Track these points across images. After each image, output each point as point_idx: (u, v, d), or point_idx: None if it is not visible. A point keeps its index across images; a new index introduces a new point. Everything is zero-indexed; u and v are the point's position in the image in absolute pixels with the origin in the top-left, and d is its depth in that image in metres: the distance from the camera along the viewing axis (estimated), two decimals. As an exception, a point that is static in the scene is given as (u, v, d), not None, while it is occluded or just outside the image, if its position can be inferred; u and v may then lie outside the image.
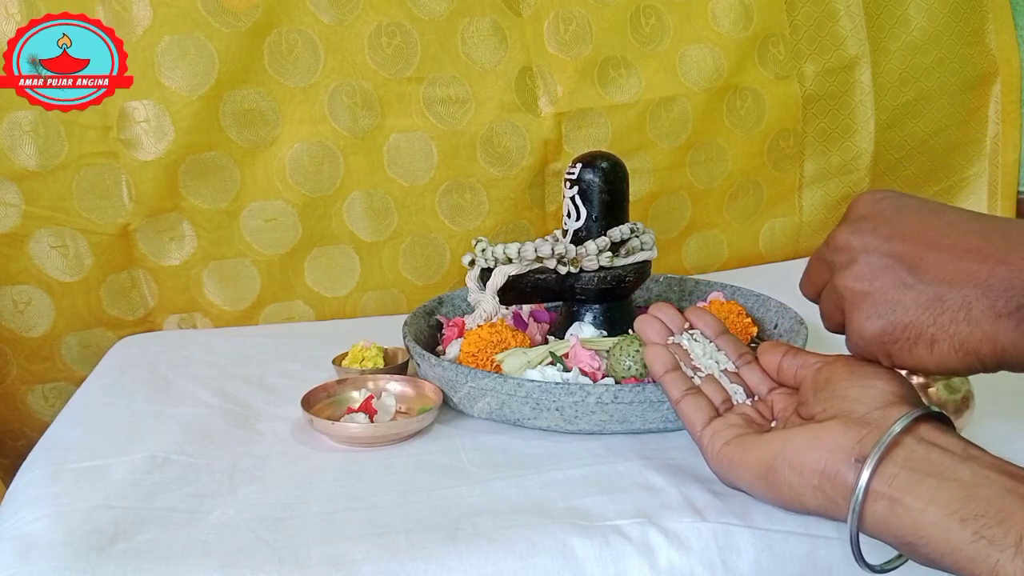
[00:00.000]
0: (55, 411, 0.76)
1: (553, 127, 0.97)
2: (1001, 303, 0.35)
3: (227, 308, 0.92)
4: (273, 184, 0.89)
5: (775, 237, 1.14)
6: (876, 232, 0.39)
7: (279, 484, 0.52)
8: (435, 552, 0.44)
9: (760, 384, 0.49)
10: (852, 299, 0.40)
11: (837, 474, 0.37)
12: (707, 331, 0.52)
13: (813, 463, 0.38)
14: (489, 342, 0.63)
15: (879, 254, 0.39)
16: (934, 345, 0.37)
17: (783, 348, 0.48)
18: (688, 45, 1.01)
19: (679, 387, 0.49)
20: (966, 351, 0.36)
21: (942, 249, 0.37)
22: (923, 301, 0.37)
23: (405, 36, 0.91)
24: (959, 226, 0.37)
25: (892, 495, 0.35)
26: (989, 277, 0.35)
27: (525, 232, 1.00)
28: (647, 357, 0.51)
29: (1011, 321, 0.35)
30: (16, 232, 0.84)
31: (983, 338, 0.35)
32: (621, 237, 0.68)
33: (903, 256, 0.38)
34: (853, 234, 0.40)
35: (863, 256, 0.39)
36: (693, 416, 0.47)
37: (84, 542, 0.44)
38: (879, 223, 0.40)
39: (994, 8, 1.15)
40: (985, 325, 0.35)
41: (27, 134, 0.81)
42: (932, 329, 0.37)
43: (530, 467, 0.53)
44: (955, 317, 0.36)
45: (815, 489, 0.38)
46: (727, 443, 0.44)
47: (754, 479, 0.42)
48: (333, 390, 0.63)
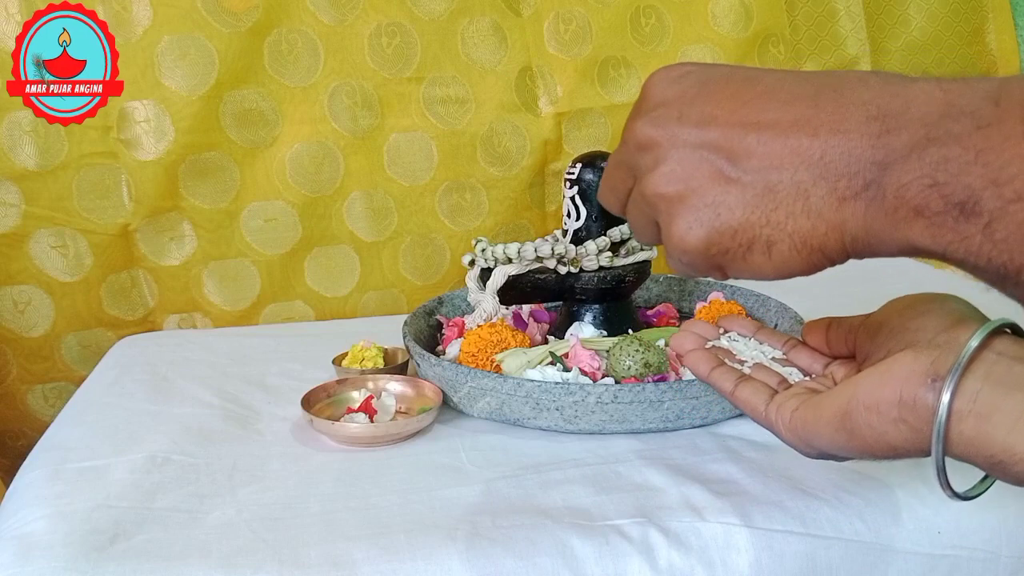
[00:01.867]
0: (55, 411, 0.76)
1: (553, 127, 0.97)
2: (843, 184, 0.29)
3: (227, 308, 0.92)
4: (273, 184, 0.89)
5: (775, 237, 1.14)
6: (683, 119, 0.32)
7: (279, 484, 0.52)
8: (435, 552, 0.43)
9: (813, 363, 0.44)
10: (666, 207, 0.33)
11: (916, 399, 0.33)
12: (743, 331, 0.49)
13: (889, 396, 0.34)
14: (489, 342, 0.63)
15: (691, 146, 0.32)
16: (772, 248, 0.31)
17: (824, 321, 0.44)
18: (688, 45, 1.01)
19: (730, 379, 0.43)
20: (810, 249, 0.30)
21: (764, 127, 0.30)
22: (750, 197, 0.31)
23: (405, 36, 0.91)
24: (779, 93, 0.31)
25: (978, 411, 0.31)
26: (824, 153, 0.29)
27: (525, 232, 1.00)
28: (688, 364, 0.45)
29: (859, 204, 0.29)
30: (16, 232, 0.84)
31: (828, 230, 0.30)
32: (621, 237, 0.68)
33: (720, 144, 0.31)
34: (655, 126, 0.33)
35: (672, 151, 0.32)
36: (753, 399, 0.41)
37: (84, 542, 0.44)
38: (684, 107, 0.33)
39: (994, 8, 1.15)
40: (828, 214, 0.29)
41: (27, 134, 0.82)
42: (767, 230, 0.31)
43: (530, 467, 0.53)
44: (791, 210, 0.30)
45: (897, 422, 0.34)
46: (795, 409, 0.38)
47: (833, 433, 0.36)
48: (333, 390, 0.63)
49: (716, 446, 0.55)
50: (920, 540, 0.46)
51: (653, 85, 0.35)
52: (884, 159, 0.28)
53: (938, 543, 0.46)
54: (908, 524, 0.46)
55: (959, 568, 0.46)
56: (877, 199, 0.28)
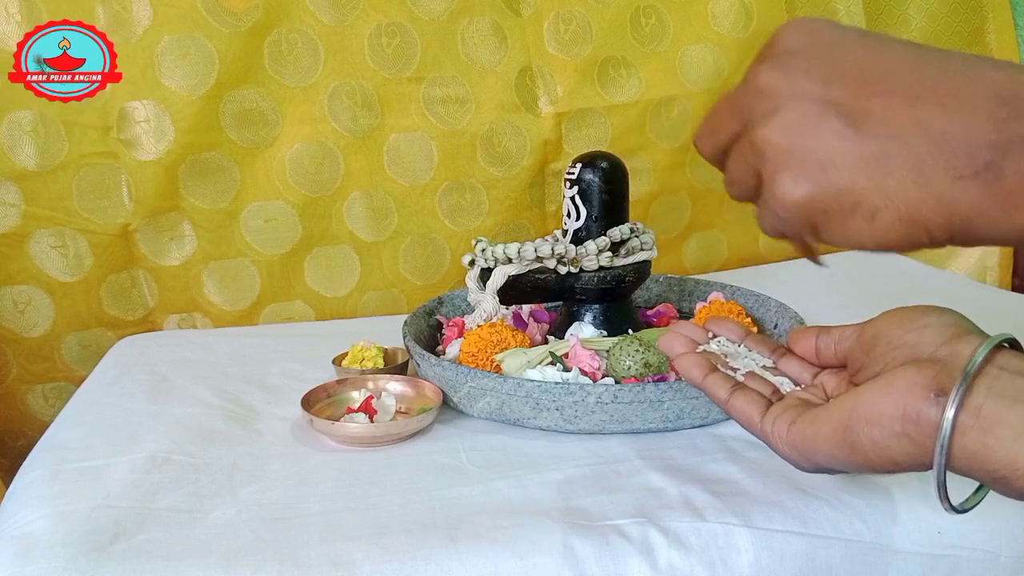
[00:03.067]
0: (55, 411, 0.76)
1: (553, 127, 0.97)
2: (962, 162, 0.28)
3: (227, 308, 0.92)
4: (273, 184, 0.89)
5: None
6: (810, 72, 0.31)
7: (279, 484, 0.52)
8: (435, 552, 0.44)
9: (803, 372, 0.45)
10: (775, 156, 0.32)
11: (919, 414, 0.33)
12: (731, 336, 0.49)
13: (891, 409, 0.34)
14: (489, 342, 0.63)
15: (813, 100, 0.31)
16: (876, 216, 0.30)
17: (813, 330, 0.44)
18: (688, 45, 1.01)
19: (724, 386, 0.43)
20: (914, 222, 0.29)
21: (890, 93, 0.30)
22: (864, 160, 0.30)
23: (405, 36, 0.91)
24: (909, 62, 0.30)
25: (981, 425, 0.31)
26: (947, 128, 0.28)
27: (525, 232, 1.00)
28: (680, 368, 0.46)
29: (975, 184, 0.28)
30: (16, 232, 0.84)
31: (937, 206, 0.29)
32: (621, 237, 0.68)
33: (843, 103, 0.30)
34: (781, 73, 0.32)
35: (792, 103, 0.31)
36: (748, 410, 0.41)
37: (84, 542, 0.44)
38: (813, 61, 0.32)
39: (994, 8, 1.15)
40: (941, 190, 0.28)
41: (27, 134, 0.82)
42: (874, 196, 0.30)
43: (530, 467, 0.53)
44: (903, 179, 0.29)
45: (899, 437, 0.34)
46: (793, 422, 0.38)
47: (833, 447, 0.36)
48: (333, 390, 0.63)
49: (716, 446, 0.55)
50: (920, 540, 0.46)
51: (785, 32, 0.33)
52: (1007, 143, 0.27)
53: (938, 543, 0.46)
54: (908, 524, 0.46)
55: (959, 568, 0.46)
56: (995, 182, 0.28)
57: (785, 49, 0.33)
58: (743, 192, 0.35)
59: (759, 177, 0.33)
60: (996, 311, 0.83)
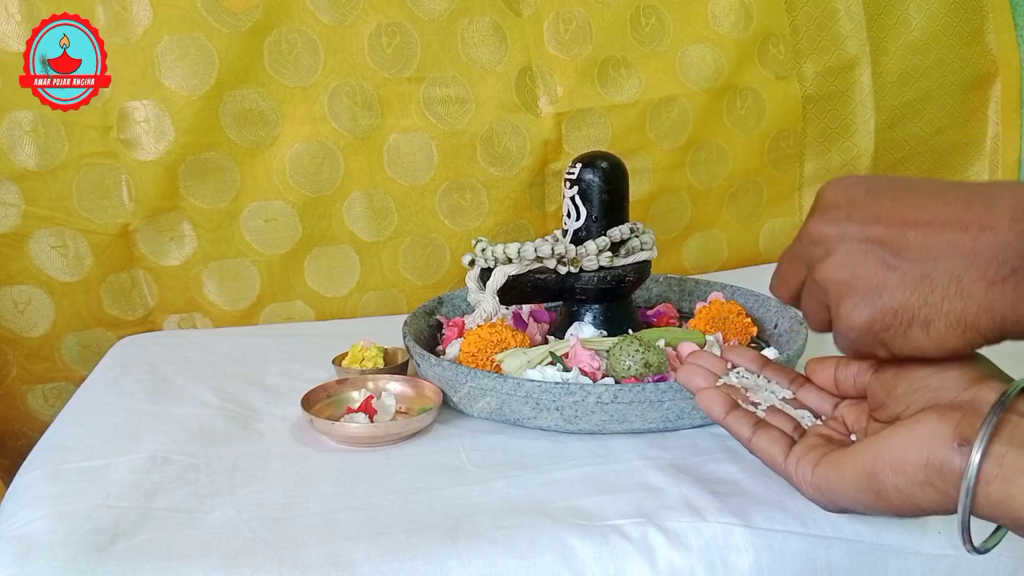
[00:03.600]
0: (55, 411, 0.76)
1: (553, 127, 0.97)
2: (992, 270, 0.33)
3: (227, 308, 0.92)
4: (273, 184, 0.89)
5: (775, 237, 1.14)
6: (851, 218, 0.37)
7: (279, 484, 0.52)
8: (435, 552, 0.43)
9: (822, 403, 0.46)
10: (836, 291, 0.38)
11: (943, 463, 0.35)
12: (750, 366, 0.50)
13: (914, 458, 0.36)
14: (489, 342, 0.63)
15: (857, 240, 0.37)
16: (930, 326, 0.35)
17: (832, 361, 0.46)
18: (688, 45, 1.01)
19: (747, 424, 0.45)
20: (964, 327, 0.34)
21: (921, 225, 0.35)
22: (910, 281, 0.35)
23: (405, 36, 0.91)
24: (936, 198, 0.36)
25: (1004, 476, 0.33)
26: (975, 245, 0.33)
27: (525, 232, 1.00)
28: (702, 404, 0.47)
29: (1007, 287, 0.33)
30: (16, 232, 0.84)
31: (979, 310, 0.34)
32: (621, 237, 0.68)
33: (883, 239, 0.36)
34: (828, 224, 0.38)
35: (841, 245, 0.37)
36: (771, 450, 0.43)
37: (84, 542, 0.44)
38: (853, 209, 0.38)
39: (994, 8, 1.15)
40: (979, 296, 0.34)
41: (27, 134, 0.82)
42: (925, 309, 0.35)
43: (530, 467, 0.53)
44: (946, 293, 0.34)
45: (923, 485, 0.36)
46: (816, 465, 0.40)
47: (857, 493, 0.38)
48: (333, 390, 0.63)
49: (716, 446, 0.55)
50: (920, 540, 0.46)
51: (826, 192, 0.40)
52: None
53: (938, 543, 0.46)
54: (908, 524, 0.46)
55: (959, 568, 0.46)
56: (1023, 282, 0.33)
57: (828, 204, 0.39)
58: (819, 323, 0.41)
59: (828, 309, 0.39)
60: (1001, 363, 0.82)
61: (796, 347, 0.63)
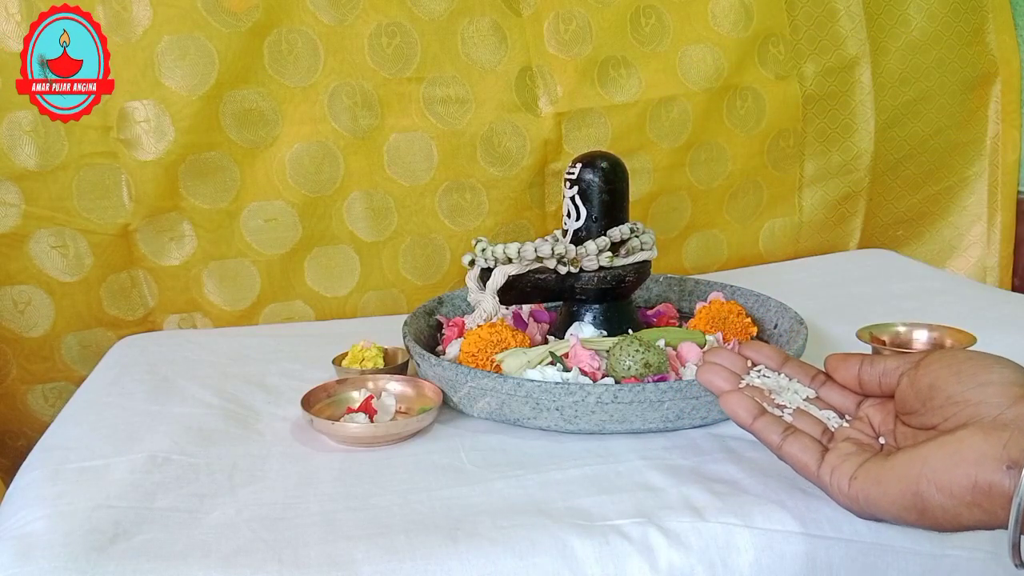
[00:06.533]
0: (55, 411, 0.76)
1: (553, 127, 0.97)
2: None
3: (227, 308, 0.92)
4: (273, 184, 0.89)
5: (775, 237, 1.14)
6: None
7: (279, 484, 0.52)
8: (435, 552, 0.43)
9: (845, 401, 0.47)
10: None
11: (991, 486, 0.35)
12: (770, 364, 0.50)
13: (962, 480, 0.36)
14: (489, 342, 0.63)
15: None
16: None
17: (855, 359, 0.46)
18: (688, 45, 1.01)
19: (776, 431, 0.45)
20: None
21: None
22: None
23: (405, 36, 0.91)
24: None
25: None
26: None
27: (525, 232, 1.00)
28: (727, 408, 0.46)
29: None
30: (16, 232, 0.84)
31: None
32: (621, 237, 0.68)
33: None
34: None
35: None
36: (804, 458, 0.44)
37: (84, 542, 0.44)
38: None
39: (994, 8, 1.15)
40: None
41: (27, 134, 0.82)
42: None
43: (530, 467, 0.53)
44: None
45: (971, 506, 0.36)
46: (853, 477, 0.41)
47: (900, 511, 0.39)
48: (333, 390, 0.63)
49: (716, 446, 0.55)
50: (920, 540, 0.46)
51: None
52: None
53: (938, 543, 0.46)
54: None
55: (959, 568, 0.46)
56: None
57: None
58: None
59: None
60: (996, 311, 0.83)
61: (796, 347, 0.63)
